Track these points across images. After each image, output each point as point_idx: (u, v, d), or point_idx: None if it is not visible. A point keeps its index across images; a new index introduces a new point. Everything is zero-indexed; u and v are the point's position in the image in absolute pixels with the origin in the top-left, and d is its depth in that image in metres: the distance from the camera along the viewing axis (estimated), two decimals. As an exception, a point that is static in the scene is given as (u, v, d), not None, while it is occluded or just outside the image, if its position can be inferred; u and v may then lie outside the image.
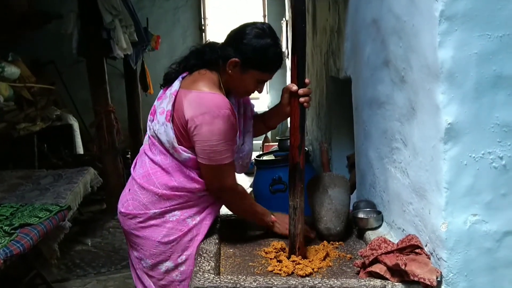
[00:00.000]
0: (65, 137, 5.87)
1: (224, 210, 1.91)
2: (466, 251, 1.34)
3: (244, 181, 5.95)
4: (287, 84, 1.78)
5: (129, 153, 5.91)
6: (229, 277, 1.46)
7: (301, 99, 1.71)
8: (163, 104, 1.74)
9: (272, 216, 1.88)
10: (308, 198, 1.98)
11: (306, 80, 1.76)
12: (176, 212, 1.75)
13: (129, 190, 1.81)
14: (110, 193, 4.71)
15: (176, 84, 1.73)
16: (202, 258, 1.62)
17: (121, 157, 5.04)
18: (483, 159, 1.31)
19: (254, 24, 1.72)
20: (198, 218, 1.78)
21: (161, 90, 1.84)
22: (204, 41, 7.54)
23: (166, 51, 6.71)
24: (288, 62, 6.98)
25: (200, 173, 1.73)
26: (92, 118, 4.84)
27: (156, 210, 1.73)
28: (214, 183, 1.73)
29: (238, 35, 1.71)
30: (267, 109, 2.07)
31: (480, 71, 1.27)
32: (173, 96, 1.70)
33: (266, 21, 8.14)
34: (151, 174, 1.74)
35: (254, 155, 4.27)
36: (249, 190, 5.13)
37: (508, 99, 1.29)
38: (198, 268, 1.54)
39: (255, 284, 1.40)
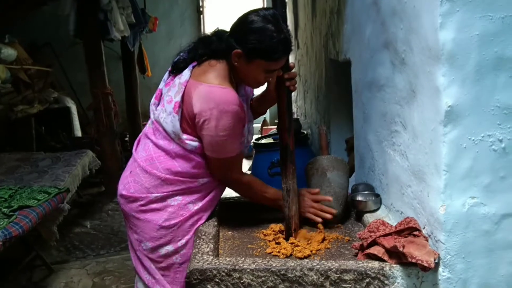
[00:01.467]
0: (63, 120, 5.85)
1: (224, 193, 1.91)
2: (464, 234, 1.34)
3: (243, 164, 5.96)
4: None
5: (127, 135, 5.90)
6: (227, 259, 1.47)
7: (287, 83, 1.74)
8: (171, 92, 1.72)
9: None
10: (307, 181, 1.98)
11: (290, 64, 1.76)
12: (178, 197, 1.74)
13: (131, 172, 1.80)
14: (109, 176, 4.72)
15: (186, 74, 1.71)
16: (201, 240, 1.63)
17: (119, 140, 5.04)
18: (482, 142, 1.31)
19: (256, 12, 1.66)
20: (200, 204, 1.77)
21: (168, 76, 1.81)
22: (202, 23, 7.52)
23: (163, 33, 6.65)
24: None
25: (205, 160, 1.73)
26: (89, 100, 4.82)
27: (158, 194, 1.73)
28: (220, 175, 1.76)
29: (240, 24, 1.67)
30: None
31: (481, 53, 1.26)
32: (183, 87, 1.67)
33: (266, 5, 8.07)
34: (154, 158, 1.74)
35: (253, 138, 4.27)
36: (248, 173, 5.15)
37: (509, 82, 1.28)
38: (197, 250, 1.54)
39: (254, 266, 1.41)
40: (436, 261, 1.35)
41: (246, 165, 5.79)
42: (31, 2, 5.27)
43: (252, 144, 4.37)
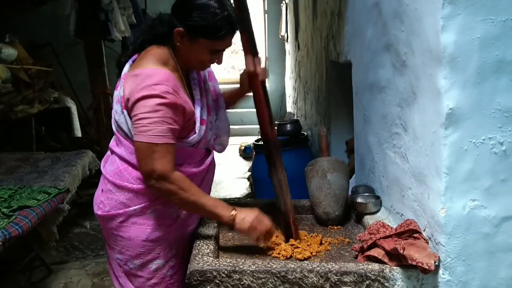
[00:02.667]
0: (63, 120, 5.84)
1: (222, 194, 1.90)
2: (464, 236, 1.34)
3: (243, 166, 5.96)
4: (286, 69, 1.76)
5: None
6: (228, 260, 1.47)
7: (261, 77, 1.70)
8: (117, 92, 1.63)
9: (233, 212, 1.59)
10: (307, 182, 1.98)
11: (259, 55, 1.72)
12: (158, 206, 1.63)
13: (102, 190, 1.68)
14: (109, 176, 4.71)
15: (125, 68, 1.63)
16: (201, 241, 1.62)
17: (119, 140, 5.03)
18: (483, 145, 1.31)
19: None
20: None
21: (119, 80, 1.69)
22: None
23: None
24: (287, 46, 6.95)
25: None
26: (90, 100, 4.82)
27: (136, 207, 1.61)
28: (143, 165, 1.53)
29: (182, 1, 1.57)
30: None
31: (483, 56, 1.27)
32: (122, 80, 1.58)
33: (266, 5, 8.07)
34: (122, 170, 1.62)
35: (253, 139, 4.27)
36: (247, 174, 5.14)
37: (510, 85, 1.28)
38: (197, 251, 1.54)
39: (254, 267, 1.41)
40: (437, 263, 1.35)
41: (246, 166, 5.79)
42: (31, 2, 5.27)
43: (252, 145, 4.38)
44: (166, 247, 1.66)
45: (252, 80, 1.73)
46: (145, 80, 1.49)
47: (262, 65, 1.73)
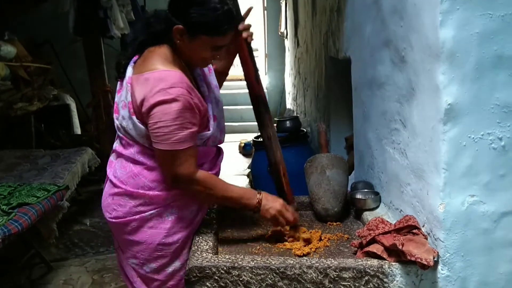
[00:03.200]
0: (63, 117, 5.84)
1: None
2: (463, 232, 1.34)
3: (242, 163, 5.96)
4: (286, 65, 1.75)
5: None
6: (227, 257, 1.47)
7: (244, 34, 1.66)
8: (122, 96, 1.58)
9: (258, 195, 1.62)
10: (306, 179, 1.98)
11: (243, 15, 1.68)
12: (173, 210, 1.61)
13: (113, 197, 1.64)
14: (108, 174, 4.71)
15: (128, 71, 1.57)
16: (200, 237, 1.62)
17: (118, 138, 5.03)
18: (482, 140, 1.31)
19: None
20: (195, 209, 1.67)
21: (118, 83, 1.65)
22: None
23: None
24: (287, 43, 6.94)
25: None
26: (89, 98, 4.82)
27: (152, 211, 1.59)
28: (167, 172, 1.53)
29: None
30: (265, 90, 2.01)
31: (481, 51, 1.26)
32: (129, 85, 1.53)
33: (265, 1, 8.05)
34: (136, 173, 1.58)
35: (252, 136, 4.27)
36: (247, 171, 5.14)
37: (508, 80, 1.28)
38: (196, 247, 1.54)
39: (253, 263, 1.41)
40: (435, 259, 1.36)
41: (245, 163, 5.79)
42: (31, 0, 5.27)
43: (251, 141, 4.37)
44: (182, 249, 1.63)
45: (236, 38, 1.66)
46: (158, 84, 1.45)
47: (247, 25, 1.67)
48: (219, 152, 1.77)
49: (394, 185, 1.71)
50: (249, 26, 1.67)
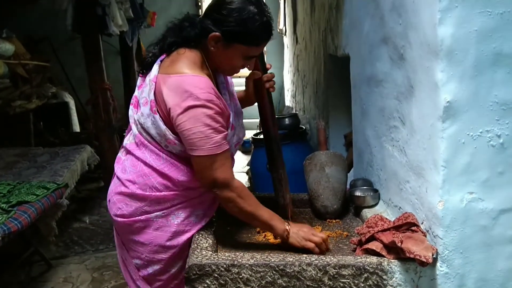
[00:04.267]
0: (61, 115, 5.84)
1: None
2: (462, 229, 1.35)
3: (241, 160, 5.96)
4: (285, 62, 1.75)
5: (126, 130, 5.89)
6: (226, 254, 1.48)
7: (267, 85, 1.69)
8: (144, 93, 1.58)
9: (287, 226, 1.57)
10: (305, 176, 1.99)
11: (268, 65, 1.72)
12: (179, 213, 1.61)
13: (120, 194, 1.63)
14: (107, 171, 4.70)
15: (154, 69, 1.56)
16: (200, 235, 1.63)
17: (117, 135, 5.03)
18: (481, 138, 1.31)
19: None
20: (201, 213, 1.66)
21: (139, 78, 1.66)
22: (200, 18, 7.48)
23: (162, 28, 6.56)
24: (286, 40, 6.93)
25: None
26: (88, 95, 4.81)
27: (158, 213, 1.60)
28: (204, 177, 1.52)
29: (218, 5, 1.53)
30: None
31: (480, 49, 1.26)
32: (153, 83, 1.53)
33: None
34: (147, 173, 1.58)
35: (251, 133, 4.27)
36: (246, 168, 5.15)
37: (507, 77, 1.28)
38: (196, 245, 1.54)
39: (253, 261, 1.41)
40: (434, 256, 1.36)
41: (244, 160, 5.79)
42: (28, -3, 5.26)
43: (250, 139, 4.38)
44: (186, 251, 1.60)
45: (257, 87, 1.71)
46: (188, 89, 1.45)
47: (271, 75, 1.72)
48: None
49: (393, 183, 1.72)
50: (272, 76, 1.70)
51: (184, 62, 1.53)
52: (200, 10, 7.39)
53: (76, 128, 6.11)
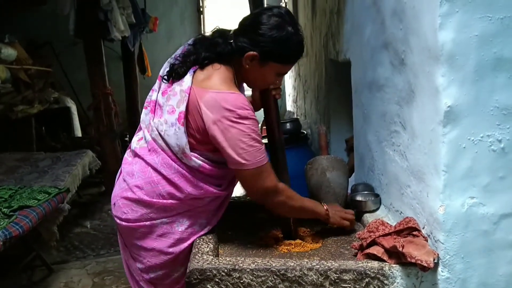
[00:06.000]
0: (63, 120, 5.85)
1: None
2: (463, 234, 1.35)
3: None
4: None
5: (127, 135, 5.90)
6: (227, 259, 1.47)
7: (273, 92, 1.70)
8: (171, 101, 1.55)
9: (325, 206, 1.71)
10: (307, 181, 1.98)
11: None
12: (184, 221, 1.62)
13: (125, 201, 1.63)
14: (109, 176, 4.71)
15: (187, 80, 1.55)
16: (201, 240, 1.63)
17: (119, 140, 5.04)
18: (481, 142, 1.31)
19: (270, 10, 1.54)
20: (204, 222, 1.67)
21: (163, 83, 1.64)
22: (202, 23, 7.50)
23: (164, 33, 6.64)
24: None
25: (208, 179, 1.60)
26: (90, 100, 4.82)
27: (162, 219, 1.60)
28: (256, 189, 1.56)
29: (253, 24, 1.54)
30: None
31: (481, 54, 1.27)
32: (186, 94, 1.52)
33: (265, 3, 8.05)
34: (156, 181, 1.58)
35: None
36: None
37: (508, 82, 1.28)
38: (196, 249, 1.54)
39: (254, 265, 1.41)
40: (436, 261, 1.36)
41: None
42: (31, 1, 5.28)
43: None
44: (189, 255, 1.59)
45: (264, 95, 1.72)
46: (229, 106, 1.46)
47: (279, 83, 1.72)
48: None
49: (394, 187, 1.72)
50: (280, 84, 1.72)
51: (220, 78, 1.54)
52: (202, 16, 7.40)
53: (78, 133, 6.12)
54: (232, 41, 1.57)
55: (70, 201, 3.57)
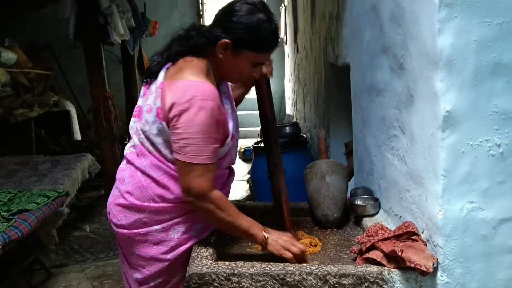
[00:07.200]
0: (63, 123, 5.86)
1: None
2: (462, 238, 1.35)
3: (242, 168, 5.96)
4: (286, 71, 1.76)
5: (127, 139, 5.91)
6: (226, 263, 1.47)
7: (264, 70, 1.70)
8: (149, 100, 1.56)
9: (264, 233, 1.57)
10: (306, 185, 1.99)
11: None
12: (180, 227, 1.60)
13: (118, 208, 1.63)
14: (108, 179, 4.70)
15: (160, 76, 1.56)
16: (200, 244, 1.62)
17: (118, 143, 5.05)
18: (480, 147, 1.31)
19: None
20: (201, 227, 1.65)
21: (143, 87, 1.64)
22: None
23: (163, 37, 6.57)
24: (286, 49, 6.96)
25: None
26: (89, 104, 4.83)
27: (157, 226, 1.58)
28: (182, 184, 1.51)
29: (227, 13, 1.53)
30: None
31: (479, 59, 1.27)
32: (159, 90, 1.52)
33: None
34: (145, 185, 1.57)
35: (252, 141, 4.28)
36: (247, 177, 5.15)
37: (506, 87, 1.29)
38: (196, 254, 1.54)
39: (253, 270, 1.41)
40: (435, 265, 1.36)
41: (245, 168, 5.79)
42: (31, 5, 5.29)
43: (251, 147, 4.38)
44: (187, 261, 1.58)
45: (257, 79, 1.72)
46: (189, 93, 1.44)
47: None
48: (231, 173, 1.76)
49: (393, 191, 1.72)
50: (257, 76, 1.70)
51: (191, 69, 1.53)
52: (201, 20, 7.43)
53: (77, 136, 6.12)
54: (206, 33, 1.56)
55: (69, 205, 3.58)
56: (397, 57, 1.59)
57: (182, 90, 1.46)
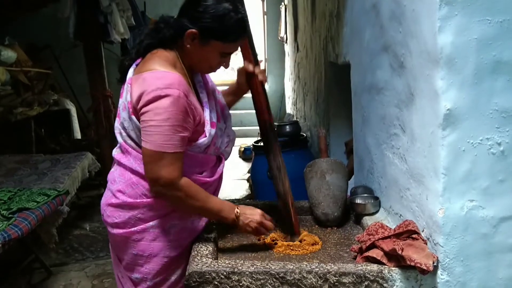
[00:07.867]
0: (63, 122, 5.85)
1: (221, 195, 1.89)
2: (462, 237, 1.35)
3: (242, 167, 5.96)
4: (286, 70, 1.77)
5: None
6: (226, 262, 1.47)
7: (260, 77, 1.72)
8: (122, 98, 1.57)
9: (235, 215, 1.60)
10: (306, 183, 1.98)
11: (259, 59, 1.74)
12: (175, 222, 1.60)
13: (110, 208, 1.62)
14: (108, 178, 4.71)
15: (130, 72, 1.57)
16: (200, 243, 1.62)
17: (118, 142, 5.05)
18: (481, 145, 1.31)
19: None
20: (197, 219, 1.66)
21: (122, 87, 1.63)
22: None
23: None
24: (287, 47, 6.95)
25: (187, 168, 1.55)
26: (89, 102, 4.83)
27: (153, 222, 1.58)
28: (150, 173, 1.49)
29: (193, 2, 1.53)
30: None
31: (480, 57, 1.27)
32: (129, 85, 1.52)
33: (265, 6, 8.08)
34: (135, 182, 1.57)
35: (252, 140, 4.28)
36: (247, 176, 5.15)
37: (507, 85, 1.28)
38: (196, 252, 1.54)
39: (253, 268, 1.41)
40: (435, 264, 1.36)
41: (245, 167, 5.79)
42: (31, 4, 5.29)
43: (251, 146, 4.38)
44: (186, 258, 1.60)
45: (251, 80, 1.74)
46: (155, 83, 1.44)
47: (262, 67, 1.74)
48: (220, 160, 1.75)
49: (393, 190, 1.72)
50: (263, 70, 1.72)
51: (156, 60, 1.52)
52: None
53: (77, 135, 6.12)
54: (173, 23, 1.56)
55: (69, 203, 3.57)
56: (397, 56, 1.58)
57: (147, 80, 1.46)
